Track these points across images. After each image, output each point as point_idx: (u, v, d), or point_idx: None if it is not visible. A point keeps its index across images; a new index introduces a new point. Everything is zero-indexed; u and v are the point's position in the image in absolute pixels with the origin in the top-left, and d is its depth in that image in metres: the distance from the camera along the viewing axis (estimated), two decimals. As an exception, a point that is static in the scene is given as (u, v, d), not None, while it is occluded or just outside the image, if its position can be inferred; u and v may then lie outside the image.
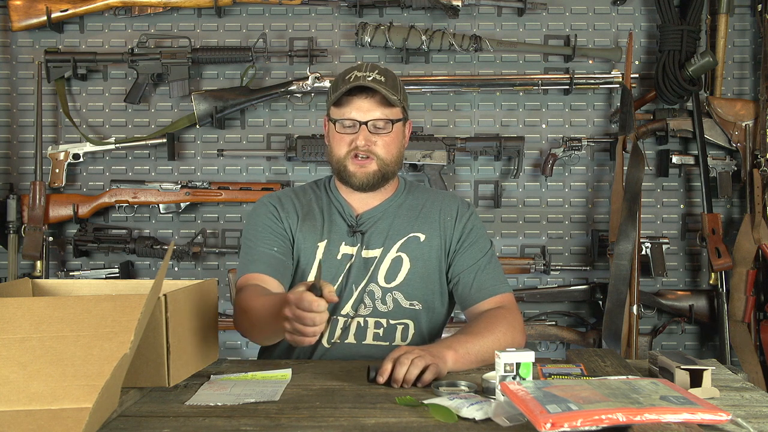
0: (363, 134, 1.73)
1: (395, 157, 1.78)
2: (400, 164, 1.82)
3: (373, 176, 1.75)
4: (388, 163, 1.76)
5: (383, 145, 1.75)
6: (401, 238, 1.79)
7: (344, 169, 1.76)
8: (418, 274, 1.77)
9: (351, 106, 1.73)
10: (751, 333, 2.75)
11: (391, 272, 1.77)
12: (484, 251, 1.80)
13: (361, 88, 1.72)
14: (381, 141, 1.74)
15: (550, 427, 1.04)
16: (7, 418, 1.13)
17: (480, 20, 2.91)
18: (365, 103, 1.73)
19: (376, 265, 1.76)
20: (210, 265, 2.94)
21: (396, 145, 1.78)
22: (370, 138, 1.73)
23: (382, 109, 1.73)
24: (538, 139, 2.93)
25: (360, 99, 1.73)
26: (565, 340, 2.83)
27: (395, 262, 1.77)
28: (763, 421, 1.19)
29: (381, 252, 1.77)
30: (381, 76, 1.73)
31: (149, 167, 2.93)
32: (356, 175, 1.75)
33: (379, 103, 1.73)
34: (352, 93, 1.73)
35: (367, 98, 1.73)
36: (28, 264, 2.86)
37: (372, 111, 1.73)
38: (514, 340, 1.64)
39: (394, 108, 1.75)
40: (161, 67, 2.81)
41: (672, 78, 2.75)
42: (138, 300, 1.22)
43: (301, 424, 1.19)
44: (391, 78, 1.76)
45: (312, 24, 2.91)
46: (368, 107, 1.73)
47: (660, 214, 2.93)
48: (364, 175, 1.75)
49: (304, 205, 1.84)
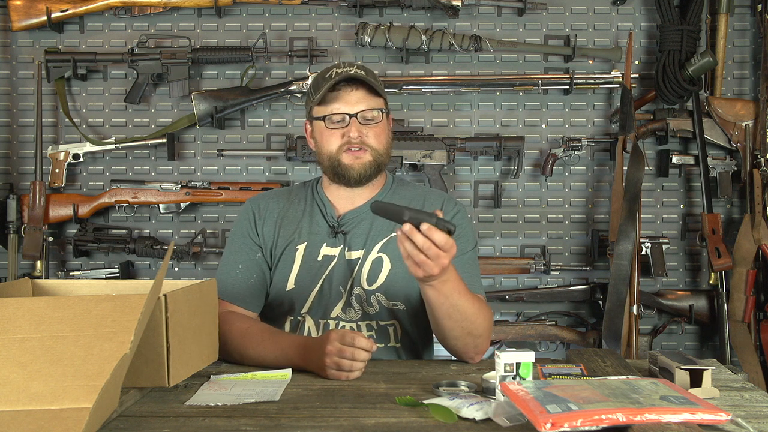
0: (354, 126, 1.72)
1: (387, 148, 1.79)
2: (390, 156, 1.82)
3: (369, 167, 1.75)
4: (381, 153, 1.76)
5: (374, 136, 1.74)
6: (382, 239, 1.77)
7: (339, 163, 1.74)
8: (399, 275, 1.74)
9: (338, 100, 1.73)
10: (751, 333, 2.75)
11: (372, 274, 1.75)
12: (464, 251, 1.76)
13: (345, 82, 1.72)
14: (372, 132, 1.74)
15: (550, 427, 1.04)
16: (7, 418, 1.13)
17: (480, 20, 2.91)
18: (352, 96, 1.73)
19: (358, 267, 1.75)
20: (210, 265, 2.93)
21: (386, 135, 1.78)
22: (361, 129, 1.73)
23: (369, 100, 1.74)
24: (538, 139, 2.93)
25: (346, 92, 1.73)
26: (565, 340, 2.83)
27: (376, 263, 1.76)
28: (763, 421, 1.19)
29: (362, 253, 1.76)
30: (362, 71, 1.74)
31: (149, 167, 2.93)
32: (353, 167, 1.74)
33: (365, 94, 1.73)
34: (336, 88, 1.73)
35: (353, 91, 1.73)
36: (28, 264, 2.86)
37: (360, 102, 1.73)
38: (486, 328, 1.63)
39: (380, 98, 1.76)
40: (161, 67, 2.81)
41: (672, 78, 2.75)
42: (138, 300, 1.22)
43: (301, 424, 1.19)
44: (371, 72, 1.78)
45: (312, 24, 2.92)
46: (355, 99, 1.73)
47: (660, 214, 2.93)
48: (360, 166, 1.74)
49: (286, 207, 1.84)
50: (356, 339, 1.45)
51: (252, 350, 1.59)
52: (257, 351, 1.58)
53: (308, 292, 1.76)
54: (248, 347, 1.60)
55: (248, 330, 1.63)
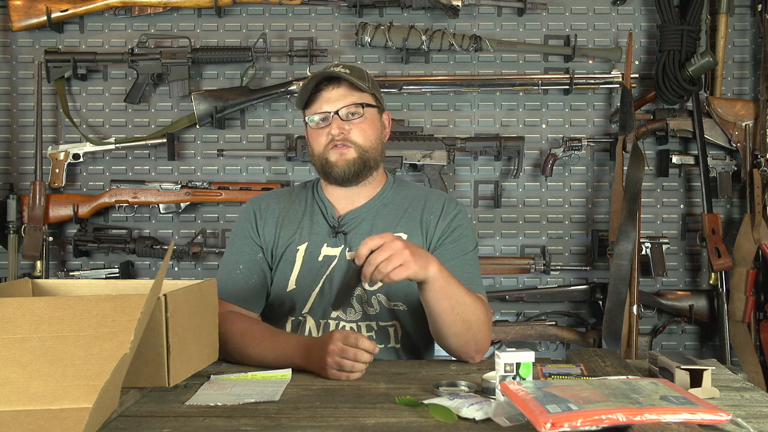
0: (336, 123, 1.73)
1: (374, 143, 1.77)
2: (381, 152, 1.81)
3: (353, 163, 1.74)
4: (366, 149, 1.75)
5: (359, 132, 1.74)
6: None
7: (326, 162, 1.75)
8: None
9: (320, 100, 1.74)
10: (751, 333, 2.75)
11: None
12: (465, 251, 1.76)
13: (326, 81, 1.73)
14: (356, 128, 1.74)
15: (550, 427, 1.04)
16: (7, 418, 1.13)
17: (480, 20, 2.91)
18: (333, 93, 1.74)
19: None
20: (210, 265, 2.93)
21: (373, 131, 1.77)
22: (343, 126, 1.73)
23: (350, 96, 1.74)
24: (538, 139, 2.93)
25: (327, 91, 1.74)
26: (565, 340, 2.83)
27: None
28: (763, 421, 1.19)
29: None
30: (345, 69, 1.75)
31: (149, 167, 2.93)
32: (337, 164, 1.74)
33: (346, 90, 1.74)
34: (319, 89, 1.74)
35: (335, 89, 1.74)
36: (28, 264, 2.86)
37: (340, 99, 1.74)
38: (485, 322, 1.62)
39: (364, 93, 1.76)
40: (161, 67, 2.81)
41: (672, 78, 2.75)
42: (138, 300, 1.22)
43: (301, 424, 1.19)
44: (357, 70, 1.77)
45: (312, 24, 2.92)
46: (336, 97, 1.74)
47: (660, 214, 2.93)
48: (344, 163, 1.74)
49: (287, 208, 1.84)
50: (359, 340, 1.45)
51: (252, 350, 1.59)
52: (257, 350, 1.58)
53: (309, 292, 1.76)
54: (248, 347, 1.60)
55: (248, 330, 1.63)
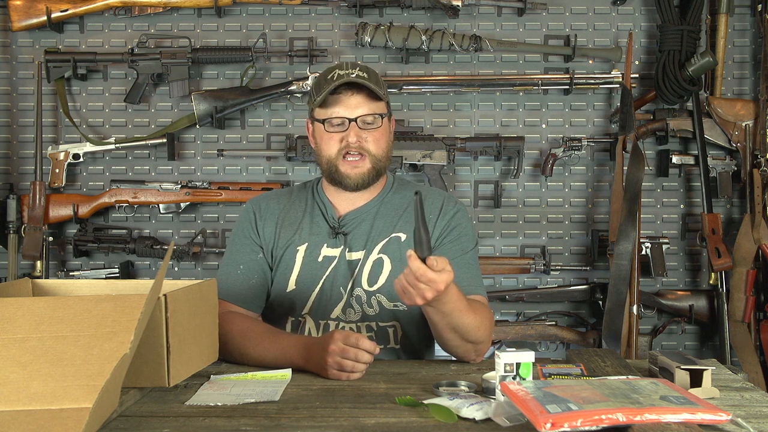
0: (353, 131, 1.72)
1: (386, 152, 1.78)
2: (390, 159, 1.82)
3: (367, 175, 1.75)
4: (380, 159, 1.76)
5: (374, 141, 1.74)
6: (383, 240, 1.77)
7: (336, 170, 1.75)
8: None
9: (338, 104, 1.72)
10: (751, 333, 2.75)
11: (373, 275, 1.75)
12: (465, 250, 1.76)
13: (346, 85, 1.72)
14: (371, 137, 1.74)
15: (550, 427, 1.04)
16: (7, 418, 1.13)
17: (480, 20, 2.91)
18: (352, 99, 1.72)
19: (359, 269, 1.75)
20: (210, 265, 2.93)
21: (385, 139, 1.78)
22: (360, 134, 1.73)
23: (369, 104, 1.73)
24: (538, 139, 2.93)
25: (346, 96, 1.72)
26: (565, 340, 2.83)
27: (377, 264, 1.75)
28: (763, 421, 1.19)
29: (363, 254, 1.76)
30: (364, 73, 1.73)
31: (149, 167, 2.93)
32: (350, 176, 1.74)
33: (365, 98, 1.73)
34: (337, 91, 1.72)
35: (354, 95, 1.72)
36: (28, 264, 2.85)
37: (360, 107, 1.73)
38: (487, 335, 1.64)
39: (381, 102, 1.75)
40: (161, 67, 2.81)
41: (672, 78, 2.75)
42: (138, 300, 1.22)
43: (301, 424, 1.19)
44: (373, 74, 1.77)
45: (312, 24, 2.91)
46: (356, 103, 1.72)
47: (660, 214, 2.93)
48: (358, 176, 1.74)
49: (287, 208, 1.84)
50: (360, 340, 1.45)
51: (252, 350, 1.59)
52: (257, 350, 1.58)
53: (309, 293, 1.76)
54: (248, 347, 1.60)
55: (248, 330, 1.63)
